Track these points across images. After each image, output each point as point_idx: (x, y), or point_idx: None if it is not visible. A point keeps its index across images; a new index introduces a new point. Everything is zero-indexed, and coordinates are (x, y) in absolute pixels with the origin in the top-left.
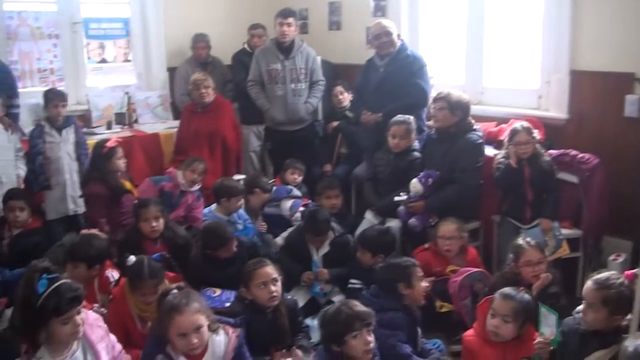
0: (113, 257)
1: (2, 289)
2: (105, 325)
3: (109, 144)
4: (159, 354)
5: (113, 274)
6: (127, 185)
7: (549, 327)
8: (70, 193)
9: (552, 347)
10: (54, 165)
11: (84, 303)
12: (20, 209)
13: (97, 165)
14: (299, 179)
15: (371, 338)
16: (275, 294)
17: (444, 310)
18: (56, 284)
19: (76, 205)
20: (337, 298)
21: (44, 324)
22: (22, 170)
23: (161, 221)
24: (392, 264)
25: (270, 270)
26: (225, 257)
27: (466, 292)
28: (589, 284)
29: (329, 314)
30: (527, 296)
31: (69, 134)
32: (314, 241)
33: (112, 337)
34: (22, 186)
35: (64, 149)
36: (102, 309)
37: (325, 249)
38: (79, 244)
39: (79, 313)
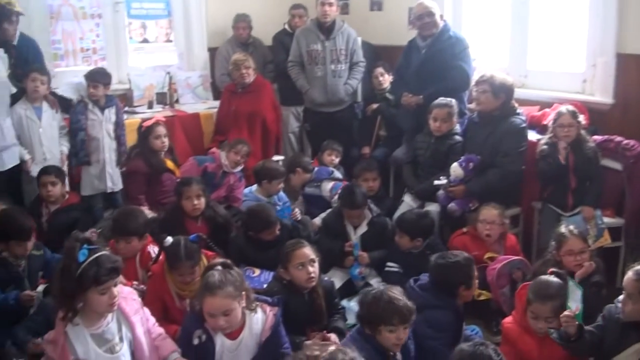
0: (154, 234)
1: (44, 267)
2: (139, 299)
3: (146, 123)
4: (198, 329)
5: (154, 249)
6: (169, 164)
7: (575, 301)
8: (108, 171)
9: (576, 322)
10: (94, 143)
11: (124, 280)
12: (52, 184)
13: (139, 142)
14: (336, 160)
15: (405, 335)
16: (312, 275)
17: (482, 298)
18: (96, 255)
19: (113, 183)
20: (375, 281)
21: (82, 292)
22: (65, 147)
23: (202, 200)
24: (453, 263)
25: (308, 251)
26: (267, 239)
27: (505, 280)
28: (629, 274)
29: (370, 299)
30: (559, 282)
31: (111, 114)
32: (352, 218)
33: (146, 310)
34: (66, 163)
35: (104, 128)
36: (142, 286)
37: (363, 229)
38: (127, 219)
39: (116, 285)
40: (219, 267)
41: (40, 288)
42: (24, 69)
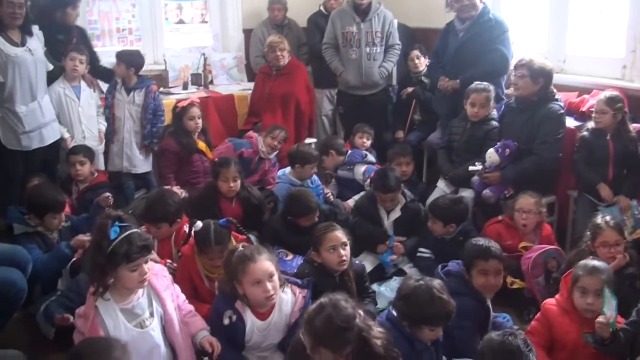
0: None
1: (73, 234)
2: (170, 276)
3: (181, 104)
4: (228, 310)
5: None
6: (201, 145)
7: (610, 310)
8: (126, 152)
9: (610, 330)
10: (118, 122)
11: (158, 259)
12: (81, 164)
13: (173, 122)
14: (368, 143)
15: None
16: (344, 258)
17: (515, 287)
18: (128, 233)
19: (131, 164)
20: (408, 267)
21: (113, 269)
22: (103, 126)
23: (239, 182)
24: (467, 245)
25: (340, 234)
26: (305, 225)
27: (540, 270)
28: None
29: (418, 299)
30: (606, 265)
31: (138, 97)
32: (385, 202)
33: (177, 288)
34: (103, 141)
35: (127, 109)
36: (175, 265)
37: (396, 214)
38: (157, 205)
39: (147, 262)
40: (242, 246)
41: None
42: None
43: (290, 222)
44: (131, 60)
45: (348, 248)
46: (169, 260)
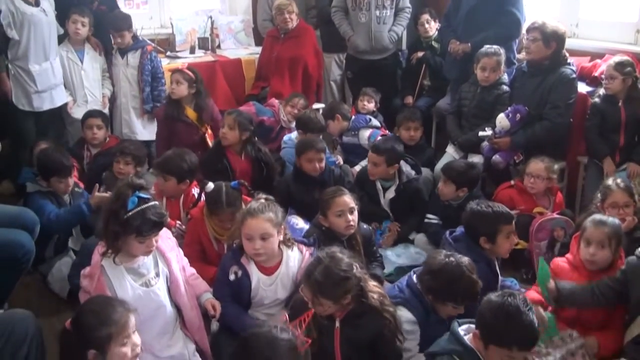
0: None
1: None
2: (174, 239)
3: (170, 68)
4: (234, 265)
5: (198, 192)
6: (189, 113)
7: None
8: (124, 117)
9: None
10: (116, 87)
11: (169, 220)
12: (98, 127)
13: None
14: (369, 106)
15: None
16: (352, 223)
17: (518, 247)
18: (145, 206)
19: (130, 130)
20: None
21: (122, 236)
22: (108, 90)
23: (235, 133)
24: (479, 212)
25: (348, 199)
26: (311, 173)
27: (544, 235)
28: None
29: (443, 272)
30: (617, 220)
31: (132, 58)
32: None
33: (180, 250)
34: (107, 105)
35: (122, 72)
36: (184, 227)
37: (391, 194)
38: (172, 158)
39: (155, 236)
40: (262, 200)
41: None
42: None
43: (299, 178)
44: (117, 25)
45: (356, 212)
46: (178, 222)
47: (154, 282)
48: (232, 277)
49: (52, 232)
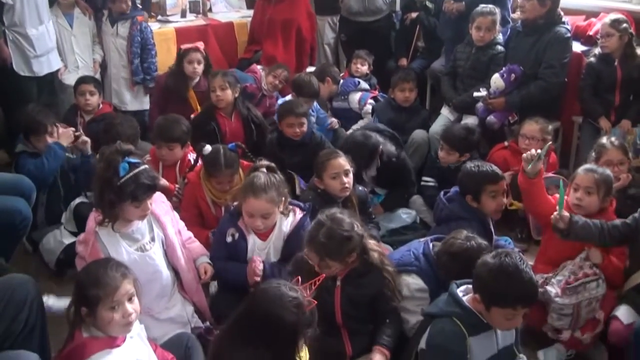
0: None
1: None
2: (168, 202)
3: (185, 46)
4: (231, 227)
5: (194, 157)
6: (191, 95)
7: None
8: (114, 87)
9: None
10: (106, 56)
11: (167, 183)
12: (91, 93)
13: (175, 62)
14: (362, 68)
15: None
16: (347, 185)
17: (512, 207)
18: (136, 170)
19: (120, 101)
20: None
21: (118, 203)
22: (99, 55)
23: (228, 92)
24: (467, 171)
25: (343, 161)
26: (292, 137)
27: None
28: None
29: (464, 257)
30: (608, 171)
31: (122, 28)
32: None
33: (175, 214)
34: (98, 71)
35: (112, 42)
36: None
37: (372, 172)
38: (171, 125)
39: (150, 199)
40: (264, 170)
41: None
42: None
43: (283, 142)
44: None
45: (351, 175)
46: (177, 185)
47: (149, 246)
48: (229, 239)
49: (38, 183)
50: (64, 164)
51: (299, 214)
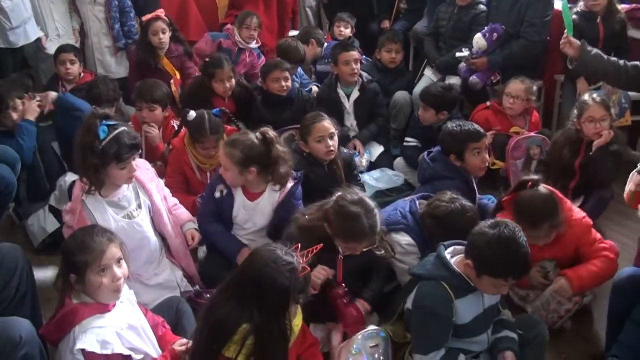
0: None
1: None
2: (153, 170)
3: (146, 17)
4: (221, 184)
5: (177, 124)
6: (166, 64)
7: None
8: (98, 57)
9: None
10: (86, 26)
11: (159, 143)
12: (71, 62)
13: (140, 34)
14: (346, 32)
15: None
16: (332, 148)
17: (495, 167)
18: (116, 132)
19: (106, 70)
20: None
21: (103, 167)
22: (77, 23)
23: (234, 81)
24: (449, 131)
25: (328, 124)
26: (279, 93)
27: (521, 153)
28: None
29: (449, 219)
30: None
31: None
32: (346, 79)
33: (160, 181)
34: (79, 39)
35: (90, 11)
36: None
37: (355, 94)
38: (151, 87)
39: (135, 160)
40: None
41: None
42: None
43: (268, 102)
44: None
45: (336, 138)
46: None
47: (136, 214)
48: (217, 194)
49: (22, 162)
50: (40, 137)
51: (290, 183)
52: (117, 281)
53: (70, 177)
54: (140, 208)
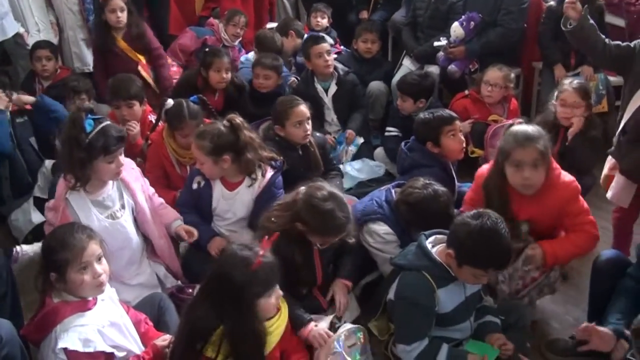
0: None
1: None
2: (138, 169)
3: None
4: (198, 175)
5: (154, 118)
6: (121, 44)
7: None
8: (74, 50)
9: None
10: (60, 20)
11: (138, 139)
12: (47, 58)
13: (95, 14)
14: (323, 22)
15: None
16: (309, 132)
17: (474, 155)
18: (102, 124)
19: (82, 63)
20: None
21: (90, 162)
22: (53, 17)
23: (230, 74)
24: (422, 119)
25: (305, 108)
26: (257, 86)
27: (499, 141)
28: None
29: (422, 205)
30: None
31: None
32: (320, 71)
33: (146, 180)
34: (57, 32)
35: (64, 4)
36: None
37: (333, 88)
38: (125, 83)
39: (121, 154)
40: None
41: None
42: None
43: (254, 96)
44: None
45: (310, 121)
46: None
47: (119, 214)
48: (194, 185)
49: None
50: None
51: (270, 172)
52: (98, 277)
53: (49, 163)
54: (123, 208)
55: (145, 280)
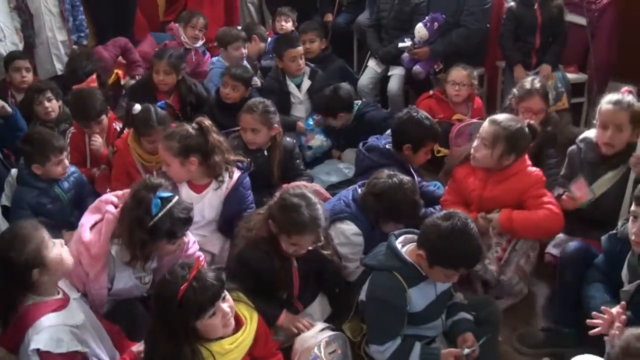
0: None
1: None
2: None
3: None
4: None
5: (119, 126)
6: None
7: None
8: (54, 52)
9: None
10: (37, 22)
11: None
12: (27, 70)
13: None
14: (287, 25)
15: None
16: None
17: (440, 154)
18: (169, 205)
19: (62, 64)
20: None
21: (152, 243)
22: (17, 22)
23: (172, 76)
24: (417, 121)
25: (251, 118)
26: (222, 95)
27: (464, 140)
28: (603, 105)
29: (387, 194)
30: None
31: None
32: (292, 72)
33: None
34: (22, 39)
35: (43, 5)
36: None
37: (306, 83)
38: (89, 103)
39: (186, 235)
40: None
41: None
42: None
43: (222, 104)
44: None
45: (258, 132)
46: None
47: (147, 279)
48: None
49: None
50: None
51: (237, 173)
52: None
53: (15, 172)
54: (150, 274)
55: None
